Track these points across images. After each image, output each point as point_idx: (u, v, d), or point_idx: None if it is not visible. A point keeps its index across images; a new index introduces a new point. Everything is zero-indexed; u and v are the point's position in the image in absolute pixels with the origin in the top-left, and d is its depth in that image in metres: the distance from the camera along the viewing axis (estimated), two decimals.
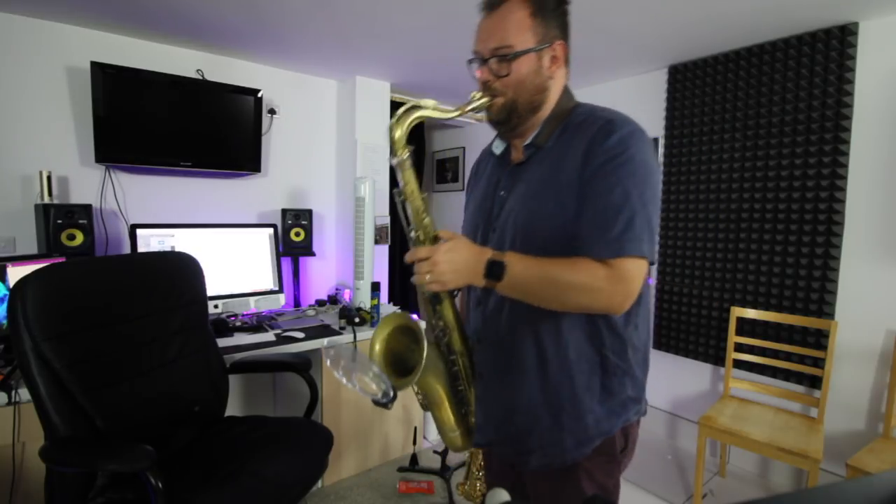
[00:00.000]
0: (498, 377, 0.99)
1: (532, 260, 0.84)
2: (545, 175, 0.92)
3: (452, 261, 0.83)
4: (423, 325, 1.01)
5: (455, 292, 0.99)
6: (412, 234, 0.92)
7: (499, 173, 1.03)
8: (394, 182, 0.93)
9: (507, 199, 0.98)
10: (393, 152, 0.88)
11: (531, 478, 1.02)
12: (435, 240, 0.90)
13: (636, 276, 0.84)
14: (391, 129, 0.87)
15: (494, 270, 0.83)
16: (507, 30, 0.89)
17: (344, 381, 0.93)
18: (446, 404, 1.05)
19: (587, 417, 0.92)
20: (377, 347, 0.99)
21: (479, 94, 0.93)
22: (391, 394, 0.91)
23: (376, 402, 0.94)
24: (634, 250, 0.83)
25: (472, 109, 0.92)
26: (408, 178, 0.90)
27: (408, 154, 0.88)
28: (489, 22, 0.92)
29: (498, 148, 1.05)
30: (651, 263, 0.87)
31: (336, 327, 2.38)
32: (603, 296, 0.83)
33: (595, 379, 0.93)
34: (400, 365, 0.99)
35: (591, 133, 0.88)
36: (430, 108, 0.89)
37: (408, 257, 0.86)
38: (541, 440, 0.95)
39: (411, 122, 0.89)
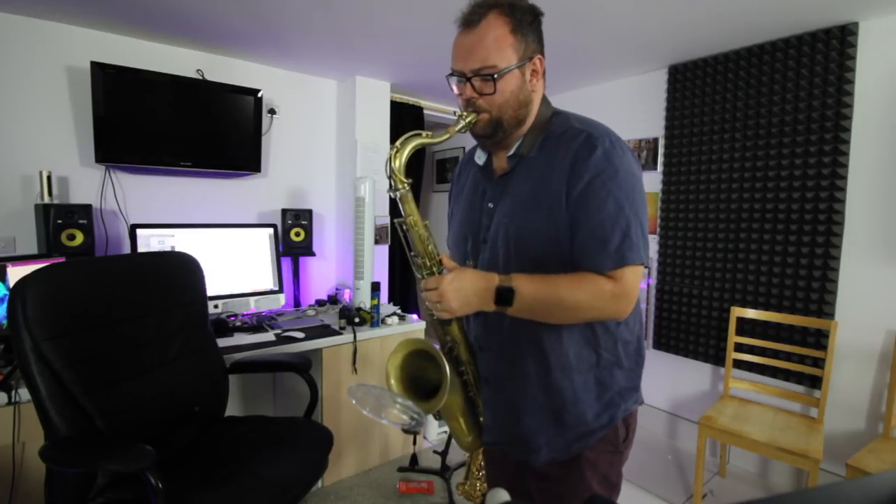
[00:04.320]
0: (503, 383, 1.02)
1: (539, 281, 0.87)
2: (533, 189, 0.93)
3: (459, 289, 0.87)
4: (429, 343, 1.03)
5: None
6: (417, 260, 0.94)
7: (484, 184, 1.04)
8: None
9: (494, 211, 0.99)
10: (393, 186, 0.90)
11: (535, 472, 1.04)
12: (439, 264, 0.93)
13: (636, 283, 0.89)
14: (390, 161, 0.89)
15: (504, 297, 0.86)
16: (489, 48, 0.89)
17: (374, 417, 0.94)
18: (461, 415, 1.08)
19: (587, 414, 0.96)
20: (392, 379, 1.00)
21: (465, 113, 0.93)
22: (421, 420, 0.92)
23: (407, 431, 0.96)
24: (634, 259, 0.87)
25: (461, 129, 0.92)
26: (410, 210, 0.93)
27: (408, 187, 0.91)
28: (469, 39, 0.91)
29: (481, 158, 1.06)
30: (646, 267, 0.92)
31: (336, 327, 2.38)
32: (609, 308, 0.88)
33: (591, 376, 0.97)
34: (415, 384, 1.01)
35: (574, 148, 0.90)
36: (424, 136, 0.92)
37: (420, 288, 0.92)
38: (547, 437, 0.99)
39: (409, 152, 0.91)
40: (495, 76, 0.89)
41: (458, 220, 1.10)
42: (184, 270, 1.70)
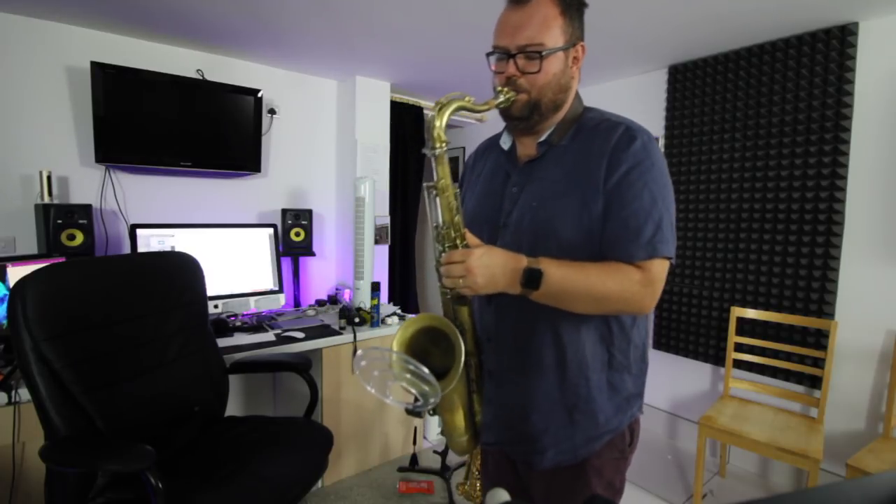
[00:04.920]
0: (512, 376, 0.98)
1: (568, 266, 0.84)
2: (566, 175, 0.92)
3: (487, 266, 0.82)
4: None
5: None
6: (441, 231, 0.88)
7: (507, 168, 1.01)
8: (394, 183, 0.92)
9: (520, 195, 0.96)
10: (431, 145, 0.86)
11: (539, 477, 1.01)
12: (462, 238, 0.88)
13: (663, 276, 0.87)
14: (432, 121, 0.86)
15: (533, 279, 0.82)
16: (538, 26, 0.87)
17: (378, 395, 0.87)
18: (460, 408, 1.03)
19: (598, 415, 0.94)
20: (403, 341, 0.94)
21: (505, 89, 0.90)
22: (429, 398, 0.84)
23: (410, 412, 0.88)
24: (665, 251, 0.86)
25: (500, 104, 0.90)
26: (443, 173, 0.87)
27: (445, 147, 0.86)
28: (517, 16, 0.89)
29: (506, 143, 1.04)
30: (672, 263, 0.90)
31: (336, 327, 2.38)
32: (636, 300, 0.86)
33: (603, 377, 0.94)
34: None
35: (613, 138, 0.89)
36: (465, 100, 0.87)
37: (443, 260, 0.85)
38: (555, 438, 0.96)
39: (451, 113, 0.87)
40: (543, 54, 0.87)
41: (473, 204, 1.07)
42: (184, 270, 1.70)
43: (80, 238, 2.01)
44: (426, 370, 0.84)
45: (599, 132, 0.92)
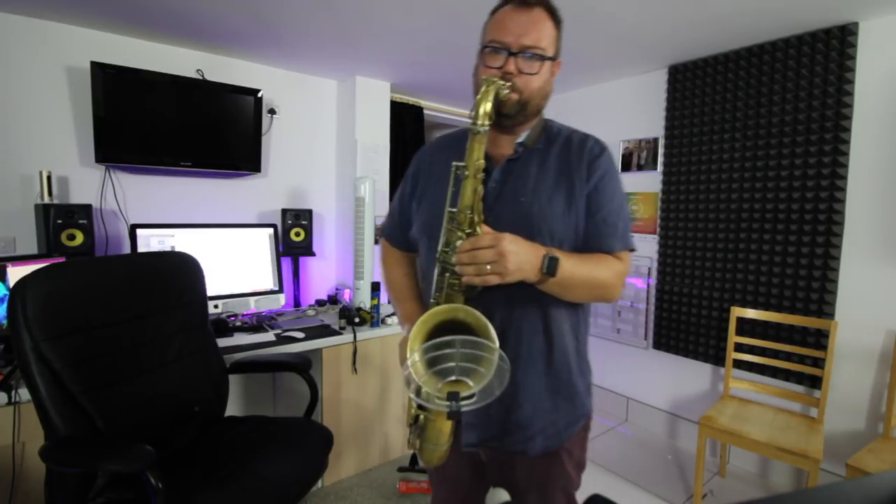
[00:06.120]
0: None
1: (573, 257, 0.92)
2: (553, 176, 0.99)
3: (517, 252, 0.83)
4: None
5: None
6: (460, 215, 0.87)
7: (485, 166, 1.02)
8: (394, 183, 0.91)
9: (500, 190, 0.99)
10: (478, 122, 0.85)
11: (518, 466, 1.06)
12: (474, 225, 0.88)
13: (630, 264, 1.03)
14: (479, 103, 0.86)
15: (551, 266, 0.87)
16: (542, 32, 0.94)
17: (434, 405, 0.80)
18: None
19: (576, 399, 1.04)
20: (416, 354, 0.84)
21: (503, 82, 0.90)
22: (476, 399, 0.78)
23: (451, 415, 0.79)
24: (632, 244, 1.02)
25: (499, 92, 0.90)
26: (479, 154, 0.87)
27: (488, 128, 0.86)
28: (523, 18, 0.93)
29: None
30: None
31: (336, 327, 2.38)
32: (617, 287, 0.98)
33: (576, 363, 1.03)
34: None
35: (587, 147, 1.01)
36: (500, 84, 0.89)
37: (466, 246, 0.83)
38: (542, 424, 1.01)
39: (494, 94, 0.87)
40: (544, 58, 0.94)
41: (434, 200, 1.04)
42: (184, 270, 1.70)
43: (80, 238, 2.01)
44: (483, 340, 0.78)
45: (574, 141, 1.02)
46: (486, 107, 0.86)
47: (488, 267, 0.82)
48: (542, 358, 0.99)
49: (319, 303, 2.84)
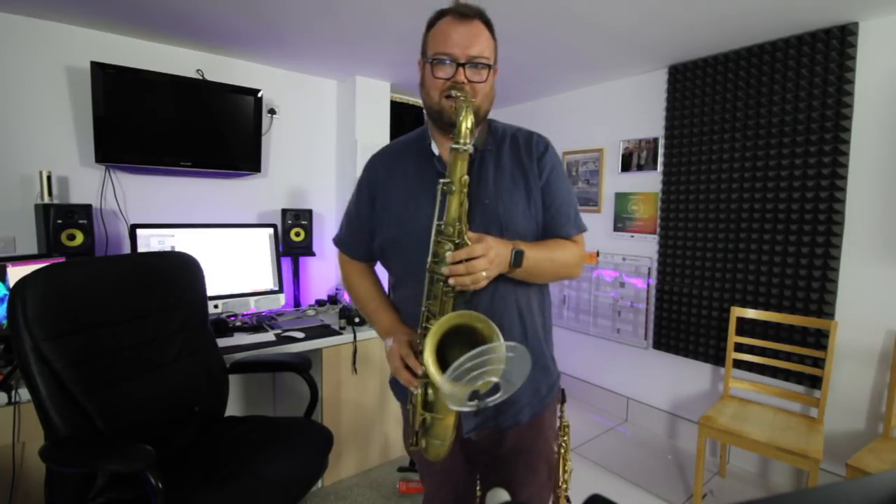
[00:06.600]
0: None
1: (535, 245, 1.02)
2: (509, 175, 1.07)
3: (499, 255, 0.93)
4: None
5: None
6: (448, 229, 0.92)
7: (440, 170, 1.05)
8: None
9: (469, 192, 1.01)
10: (460, 141, 0.90)
11: (507, 440, 1.13)
12: (461, 235, 0.93)
13: (584, 243, 1.15)
14: (461, 123, 0.90)
15: (517, 259, 0.96)
16: (483, 42, 0.99)
17: (451, 405, 0.84)
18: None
19: (549, 367, 1.16)
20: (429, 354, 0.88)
21: (472, 99, 0.96)
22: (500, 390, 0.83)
23: (480, 400, 0.83)
24: (584, 227, 1.14)
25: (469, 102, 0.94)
26: (462, 171, 0.92)
27: (471, 143, 0.92)
28: (467, 29, 0.98)
29: (437, 148, 1.09)
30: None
31: (336, 327, 2.38)
32: (578, 265, 1.11)
33: (543, 335, 1.15)
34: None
35: (533, 144, 1.10)
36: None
37: (459, 256, 0.88)
38: (527, 394, 1.10)
39: (472, 112, 0.92)
40: (491, 67, 1.01)
41: (404, 207, 1.07)
42: (184, 270, 1.70)
43: (80, 238, 2.01)
44: (490, 344, 0.82)
45: (520, 139, 1.11)
46: (468, 124, 0.90)
47: (483, 273, 0.90)
48: (519, 337, 1.07)
49: (319, 303, 2.84)
